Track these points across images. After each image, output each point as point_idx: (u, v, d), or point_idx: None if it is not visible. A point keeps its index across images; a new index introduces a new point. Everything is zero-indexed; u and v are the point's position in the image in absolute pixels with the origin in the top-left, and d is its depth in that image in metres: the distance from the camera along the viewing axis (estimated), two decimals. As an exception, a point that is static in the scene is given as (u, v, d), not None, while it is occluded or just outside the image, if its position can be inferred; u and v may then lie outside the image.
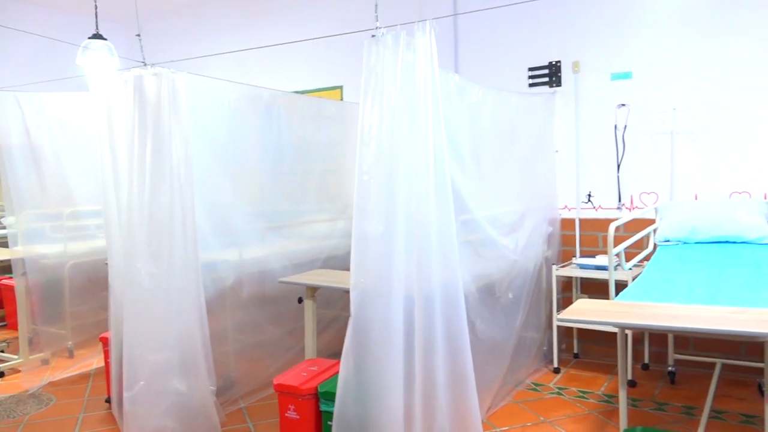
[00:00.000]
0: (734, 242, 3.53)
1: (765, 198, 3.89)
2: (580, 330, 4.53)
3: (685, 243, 3.65)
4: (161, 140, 3.11)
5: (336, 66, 5.56)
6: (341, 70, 5.55)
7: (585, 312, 2.39)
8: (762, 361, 3.01)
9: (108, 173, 3.34)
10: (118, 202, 3.29)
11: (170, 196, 3.12)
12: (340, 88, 5.64)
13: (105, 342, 3.70)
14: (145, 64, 3.23)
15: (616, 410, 3.47)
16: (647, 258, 3.73)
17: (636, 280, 3.08)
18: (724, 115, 4.00)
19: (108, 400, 3.77)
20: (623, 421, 2.73)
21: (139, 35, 3.38)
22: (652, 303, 2.53)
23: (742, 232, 3.50)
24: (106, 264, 3.47)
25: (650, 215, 4.12)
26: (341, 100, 5.53)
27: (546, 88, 4.59)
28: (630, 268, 3.42)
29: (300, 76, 5.82)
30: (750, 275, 2.93)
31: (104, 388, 4.01)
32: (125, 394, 3.07)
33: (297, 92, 5.63)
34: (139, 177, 3.10)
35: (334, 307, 4.50)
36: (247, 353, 4.08)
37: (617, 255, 3.07)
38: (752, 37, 3.89)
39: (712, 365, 3.99)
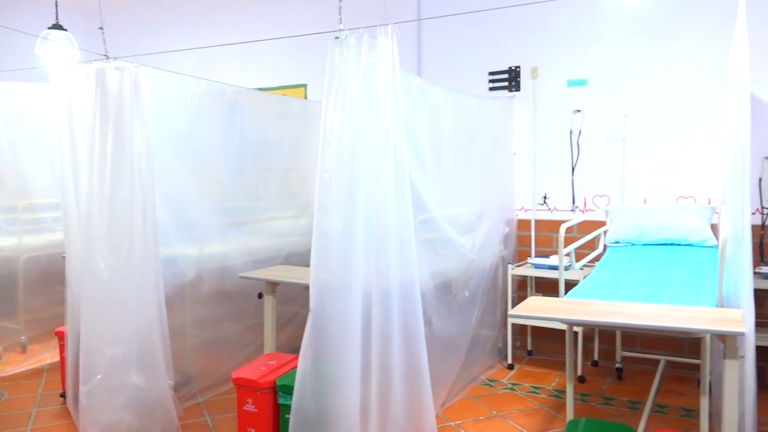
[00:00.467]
0: (679, 244, 3.70)
1: (708, 203, 4.08)
2: (534, 328, 4.67)
3: (633, 244, 3.81)
4: (122, 134, 3.11)
5: (301, 64, 5.58)
6: (306, 69, 5.58)
7: (534, 308, 2.50)
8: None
9: (67, 166, 3.32)
10: (77, 195, 3.27)
11: (131, 190, 3.12)
12: (305, 86, 5.67)
13: (61, 336, 3.66)
14: (108, 58, 3.22)
15: (566, 404, 3.60)
16: (598, 258, 3.88)
17: (585, 279, 3.22)
18: (672, 123, 4.19)
19: (63, 395, 3.73)
20: (570, 413, 2.86)
21: (101, 28, 3.36)
22: (598, 301, 2.66)
23: (686, 235, 3.67)
24: (64, 257, 3.45)
25: (601, 217, 4.28)
26: (305, 98, 5.56)
27: (505, 92, 4.72)
28: (580, 268, 3.56)
29: (264, 73, 5.83)
30: (691, 276, 3.09)
31: (59, 383, 3.97)
32: (81, 388, 3.06)
33: (261, 89, 5.64)
34: (99, 170, 3.09)
35: (294, 304, 4.53)
36: (206, 348, 4.09)
37: (568, 255, 3.20)
38: (698, 49, 4.08)
39: (657, 362, 4.17)
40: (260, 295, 3.66)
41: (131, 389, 3.13)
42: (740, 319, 2.12)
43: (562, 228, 3.02)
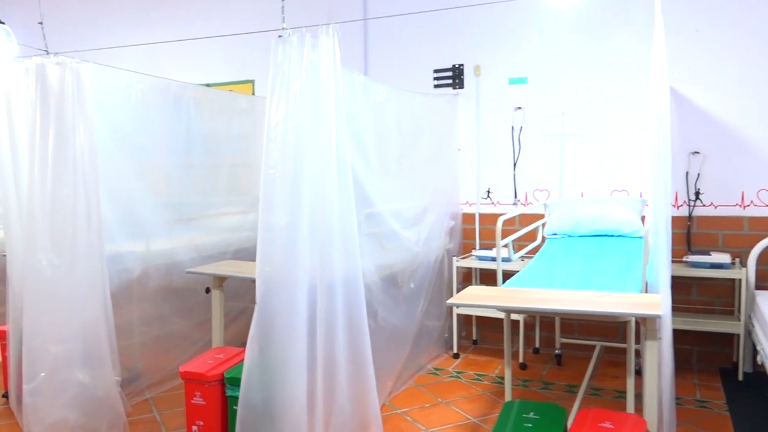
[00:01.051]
0: (612, 235, 3.90)
1: (640, 196, 4.31)
2: (478, 318, 4.82)
3: (569, 236, 3.99)
4: (64, 130, 3.09)
5: (248, 60, 5.59)
6: (253, 65, 5.59)
7: (472, 297, 2.63)
8: (636, 343, 3.39)
9: (7, 162, 3.28)
10: (18, 192, 3.24)
11: (74, 187, 3.10)
12: (252, 82, 5.68)
13: (2, 335, 3.60)
14: (48, 53, 3.18)
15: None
16: (537, 249, 4.05)
17: (523, 269, 3.37)
18: (607, 120, 4.40)
19: (5, 395, 3.67)
20: (508, 396, 3.00)
21: (41, 23, 3.32)
22: (531, 288, 2.80)
23: (618, 227, 3.87)
24: (4, 256, 3.40)
25: (541, 210, 4.46)
26: (253, 94, 5.57)
27: (450, 89, 4.85)
28: (520, 259, 3.72)
29: (211, 69, 5.81)
30: (620, 265, 3.28)
31: (1, 384, 3.90)
32: (25, 387, 3.03)
33: (208, 85, 5.62)
34: (40, 167, 3.06)
35: (242, 299, 4.55)
36: (154, 345, 4.08)
37: (506, 246, 3.34)
38: (628, 48, 4.29)
39: (593, 348, 4.38)
40: (208, 290, 3.69)
41: (76, 386, 3.12)
42: (658, 303, 2.29)
43: (500, 221, 3.16)
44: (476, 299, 2.59)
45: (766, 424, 3.26)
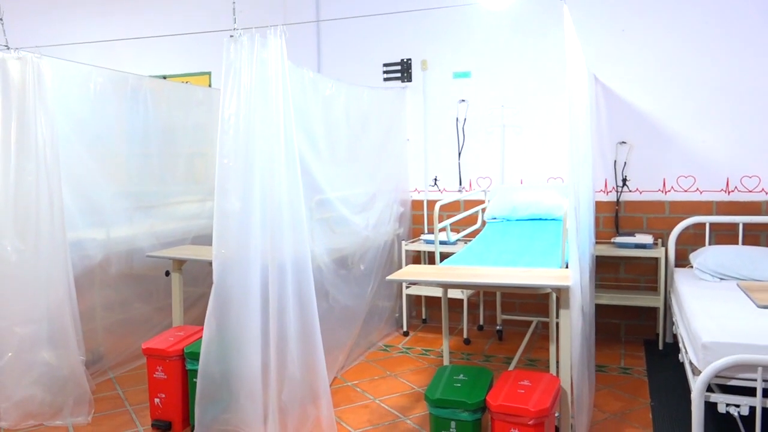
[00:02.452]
0: (545, 219, 4.23)
1: (573, 182, 4.66)
2: (427, 298, 5.13)
3: (507, 220, 4.32)
4: (26, 122, 3.25)
5: (204, 52, 5.73)
6: (210, 57, 5.74)
7: (410, 273, 2.92)
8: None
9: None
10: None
11: (36, 176, 3.27)
12: (209, 74, 5.84)
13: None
14: (8, 48, 3.33)
15: (450, 362, 4.08)
16: (478, 232, 4.36)
17: (462, 250, 3.67)
18: (543, 112, 4.72)
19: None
20: (446, 363, 3.30)
21: (1, 19, 3.44)
22: (465, 266, 3.10)
23: (550, 211, 4.20)
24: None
25: (482, 197, 4.78)
26: (210, 85, 5.73)
27: (399, 82, 5.12)
28: (455, 242, 4.04)
29: (168, 61, 5.94)
30: (548, 245, 3.61)
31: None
32: (-8, 366, 3.20)
33: (165, 77, 5.76)
34: (3, 157, 3.22)
35: (201, 285, 4.73)
36: (115, 328, 4.25)
37: (443, 230, 3.64)
38: (561, 46, 4.61)
39: (530, 323, 4.74)
40: (167, 273, 3.89)
41: (43, 366, 3.30)
42: (568, 276, 2.61)
43: (437, 206, 3.45)
44: (414, 275, 2.88)
45: (675, 386, 3.65)
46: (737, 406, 2.66)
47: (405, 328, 4.89)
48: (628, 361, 4.19)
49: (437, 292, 4.66)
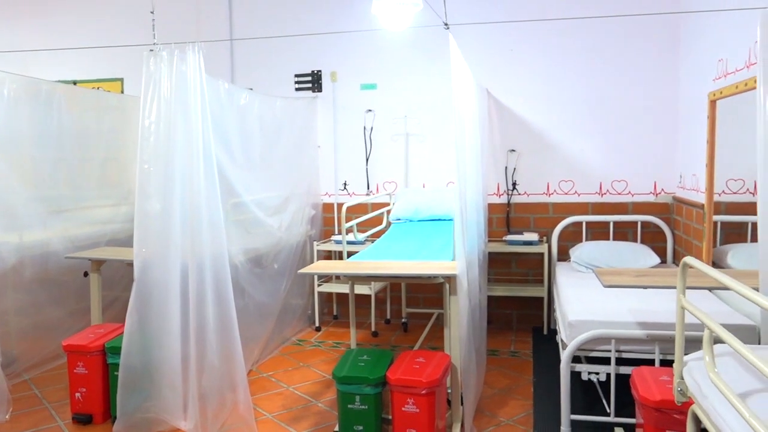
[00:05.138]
0: (444, 219, 4.66)
1: (469, 186, 5.13)
2: (338, 295, 5.46)
3: (410, 221, 4.72)
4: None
5: (117, 59, 5.79)
6: (122, 63, 5.82)
7: (318, 267, 3.24)
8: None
9: None
10: None
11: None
12: (121, 80, 5.91)
13: None
14: None
15: (359, 352, 4.42)
16: (383, 232, 4.74)
17: (368, 247, 4.03)
18: (441, 122, 5.17)
19: None
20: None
21: None
22: (367, 261, 3.46)
23: (448, 212, 4.63)
24: None
25: (387, 199, 5.17)
26: (122, 92, 5.81)
27: (310, 93, 5.43)
28: (363, 241, 4.40)
29: (79, 66, 5.96)
30: (444, 242, 4.02)
31: None
32: None
33: (76, 82, 5.79)
34: None
35: (117, 287, 4.83)
36: (29, 332, 4.28)
37: (350, 230, 3.98)
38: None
39: (432, 314, 5.17)
40: (86, 274, 4.00)
41: (-44, 367, 3.36)
42: (455, 267, 3.02)
43: (343, 208, 3.80)
44: (322, 269, 3.20)
45: (554, 364, 4.15)
46: (597, 373, 3.15)
47: (317, 324, 5.19)
48: (518, 345, 4.69)
49: (347, 289, 4.98)
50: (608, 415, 3.12)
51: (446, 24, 3.06)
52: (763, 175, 2.49)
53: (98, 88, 5.73)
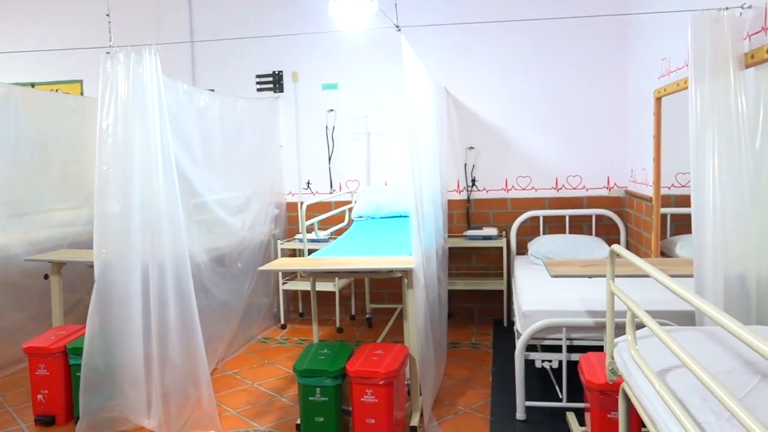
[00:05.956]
0: (405, 216, 4.75)
1: (430, 183, 5.24)
2: (303, 293, 5.52)
3: (372, 218, 4.81)
4: None
5: (75, 61, 5.75)
6: (81, 65, 5.78)
7: (279, 264, 3.31)
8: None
9: None
10: None
11: None
12: (80, 81, 5.87)
13: None
14: None
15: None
16: (345, 229, 4.81)
17: (329, 244, 4.10)
18: (401, 120, 5.24)
19: None
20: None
21: None
22: (327, 257, 3.54)
23: (408, 209, 4.73)
24: None
25: (349, 198, 5.25)
26: (82, 94, 5.78)
27: (271, 93, 5.48)
28: (326, 239, 4.48)
29: (37, 68, 5.89)
30: (405, 238, 4.11)
31: None
32: None
33: (34, 84, 5.73)
34: None
35: (79, 290, 4.81)
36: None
37: (311, 228, 4.05)
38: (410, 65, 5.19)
39: (395, 309, 5.27)
40: (46, 276, 3.99)
41: None
42: (411, 261, 3.11)
43: (303, 206, 3.86)
44: (283, 265, 3.28)
45: (513, 354, 4.29)
46: (550, 361, 3.29)
47: (282, 322, 5.24)
48: (479, 337, 4.82)
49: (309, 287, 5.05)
50: (561, 400, 3.26)
51: (398, 26, 3.15)
52: (695, 170, 2.64)
53: (57, 90, 5.69)
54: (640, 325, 1.79)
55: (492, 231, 5.02)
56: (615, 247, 1.97)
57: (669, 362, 1.58)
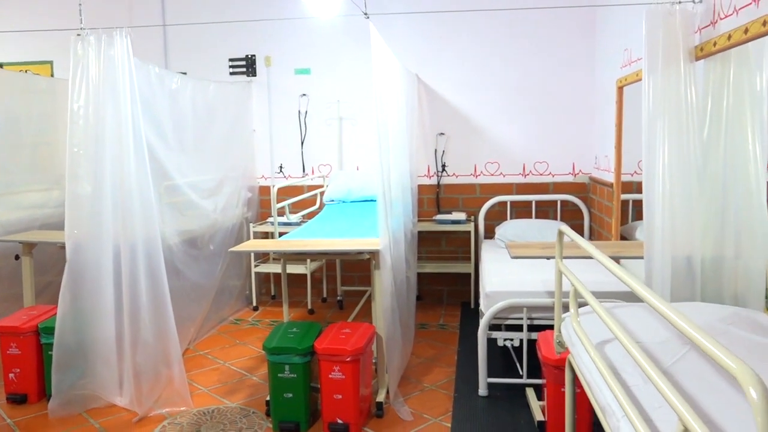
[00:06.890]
0: (375, 200, 4.83)
1: (401, 168, 5.33)
2: (275, 275, 5.59)
3: (343, 202, 4.89)
4: None
5: (45, 41, 5.69)
6: (51, 46, 5.72)
7: (250, 245, 3.39)
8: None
9: None
10: None
11: None
12: (51, 62, 5.83)
13: None
14: None
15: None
16: (316, 212, 4.89)
17: (300, 227, 4.18)
18: (373, 106, 5.33)
19: None
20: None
21: None
22: (296, 239, 3.62)
23: (379, 193, 4.83)
24: None
25: (321, 182, 5.33)
26: (52, 75, 5.73)
27: (244, 77, 5.50)
28: (299, 222, 4.55)
29: (7, 48, 5.83)
30: (375, 221, 4.20)
31: None
32: None
33: (2, 65, 5.67)
34: None
35: (50, 272, 4.81)
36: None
37: (282, 210, 4.13)
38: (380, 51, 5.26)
39: (366, 291, 5.38)
40: (17, 257, 4.01)
41: None
42: (378, 243, 3.21)
43: (274, 189, 3.94)
44: (253, 246, 3.36)
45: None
46: (511, 339, 3.43)
47: (255, 304, 5.32)
48: (447, 319, 4.96)
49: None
50: (521, 377, 3.40)
51: (366, 13, 3.22)
52: (647, 157, 2.78)
53: (26, 71, 5.64)
54: (585, 304, 1.92)
55: (461, 215, 5.15)
56: (562, 227, 2.09)
57: (608, 335, 1.70)
